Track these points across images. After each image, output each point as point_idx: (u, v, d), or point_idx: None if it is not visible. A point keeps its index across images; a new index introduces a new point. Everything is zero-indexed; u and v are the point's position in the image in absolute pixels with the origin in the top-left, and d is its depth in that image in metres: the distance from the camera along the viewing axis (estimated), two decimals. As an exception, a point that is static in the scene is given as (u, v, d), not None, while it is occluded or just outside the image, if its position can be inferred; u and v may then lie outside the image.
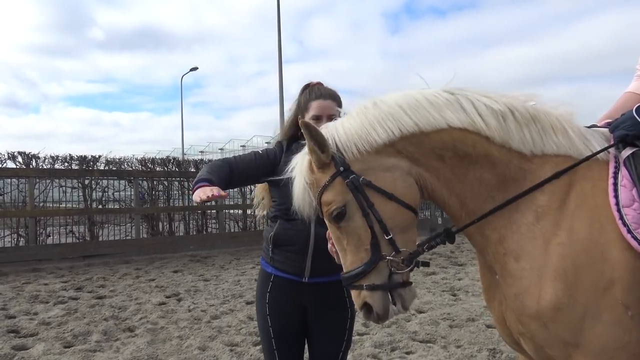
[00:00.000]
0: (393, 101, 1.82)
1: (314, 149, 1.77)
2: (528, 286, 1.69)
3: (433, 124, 1.78)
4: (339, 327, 2.48)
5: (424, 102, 1.80)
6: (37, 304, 6.54)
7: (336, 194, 1.77)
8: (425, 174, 1.82)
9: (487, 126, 1.78)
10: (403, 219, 1.79)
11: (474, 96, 1.83)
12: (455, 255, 10.24)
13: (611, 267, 1.61)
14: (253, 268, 9.22)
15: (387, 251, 1.76)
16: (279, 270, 2.44)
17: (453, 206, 1.86)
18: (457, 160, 1.80)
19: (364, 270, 1.75)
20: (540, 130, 1.80)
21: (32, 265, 9.56)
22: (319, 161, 1.79)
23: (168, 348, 4.76)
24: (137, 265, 9.69)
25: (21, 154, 10.61)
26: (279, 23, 19.57)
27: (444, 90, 1.85)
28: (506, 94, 1.88)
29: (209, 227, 13.04)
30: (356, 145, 1.78)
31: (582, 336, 1.62)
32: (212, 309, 6.20)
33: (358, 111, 1.85)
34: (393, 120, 1.78)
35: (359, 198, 1.76)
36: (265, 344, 2.48)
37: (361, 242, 1.77)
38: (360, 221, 1.77)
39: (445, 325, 5.30)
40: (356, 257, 1.78)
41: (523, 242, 1.74)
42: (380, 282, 1.76)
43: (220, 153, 37.42)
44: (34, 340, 5.01)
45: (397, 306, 1.80)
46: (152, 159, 12.86)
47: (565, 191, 1.74)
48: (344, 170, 1.77)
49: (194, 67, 37.32)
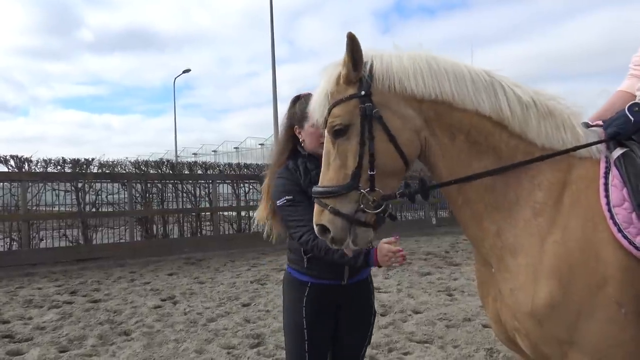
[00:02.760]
0: (445, 63, 1.85)
1: (347, 63, 1.79)
2: (523, 282, 1.72)
3: (465, 102, 1.82)
4: (365, 323, 2.60)
5: (468, 78, 1.84)
6: (32, 309, 6.49)
7: (347, 112, 1.81)
8: (433, 142, 1.86)
9: (512, 113, 1.82)
10: (393, 164, 1.83)
11: (507, 82, 1.88)
12: (451, 255, 10.28)
13: (604, 266, 1.64)
14: (248, 270, 9.21)
15: (364, 185, 1.79)
16: (317, 278, 2.48)
17: (445, 178, 1.89)
18: (467, 145, 1.84)
19: (337, 192, 1.80)
20: (554, 125, 1.85)
21: (26, 269, 9.48)
22: (348, 76, 1.82)
23: (164, 352, 4.74)
24: (131, 269, 9.64)
25: (13, 158, 10.52)
26: (272, 23, 19.56)
27: (485, 72, 1.89)
28: (535, 90, 1.93)
29: (203, 230, 12.99)
30: (390, 80, 1.81)
31: (577, 334, 1.65)
32: (208, 311, 6.18)
33: (411, 54, 1.87)
34: (436, 81, 1.82)
35: (364, 126, 1.79)
36: (294, 349, 2.51)
37: (346, 165, 1.81)
38: (354, 146, 1.80)
39: (442, 325, 5.32)
40: (335, 176, 1.82)
41: (520, 237, 1.77)
42: (344, 211, 1.80)
43: (213, 155, 37.32)
44: (29, 345, 4.97)
45: (348, 239, 1.83)
46: (146, 162, 12.80)
47: (561, 189, 1.77)
48: (364, 95, 1.80)
49: (187, 69, 37.14)
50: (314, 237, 2.18)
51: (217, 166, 14.00)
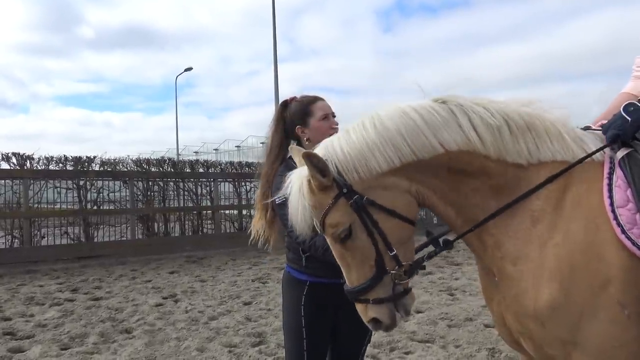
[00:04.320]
0: (392, 124, 1.81)
1: (315, 175, 1.77)
2: (525, 287, 1.72)
3: (431, 151, 1.80)
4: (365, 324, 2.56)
5: (421, 124, 1.80)
6: (33, 306, 6.50)
7: (341, 215, 1.79)
8: (423, 189, 1.86)
9: (483, 143, 1.80)
10: (404, 233, 1.83)
11: (469, 106, 1.83)
12: (452, 254, 10.25)
13: (607, 266, 1.63)
14: (249, 269, 9.21)
15: (391, 266, 1.80)
16: (316, 276, 2.47)
17: (449, 215, 1.90)
18: (452, 176, 1.84)
19: (370, 286, 1.81)
20: (536, 137, 1.82)
21: (27, 266, 9.49)
22: (321, 185, 1.79)
23: (166, 350, 4.74)
24: (132, 267, 9.65)
25: (15, 155, 10.53)
26: (274, 21, 19.56)
27: (439, 102, 1.85)
28: (501, 101, 1.89)
29: (204, 228, 12.99)
30: (356, 170, 1.79)
31: (580, 335, 1.64)
32: (210, 310, 6.18)
33: (357, 131, 1.84)
34: (393, 150, 1.78)
35: (364, 218, 1.78)
36: (293, 347, 2.52)
37: (366, 258, 1.81)
38: (365, 239, 1.80)
39: (443, 325, 5.31)
40: (361, 273, 1.82)
41: (519, 246, 1.77)
42: (385, 295, 1.82)
43: (215, 153, 37.25)
44: (31, 343, 4.98)
45: (401, 312, 1.87)
46: (148, 160, 12.81)
47: (561, 194, 1.76)
48: (347, 192, 1.78)
49: (189, 68, 37.16)
50: (310, 236, 2.20)
51: (218, 165, 13.99)
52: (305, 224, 1.86)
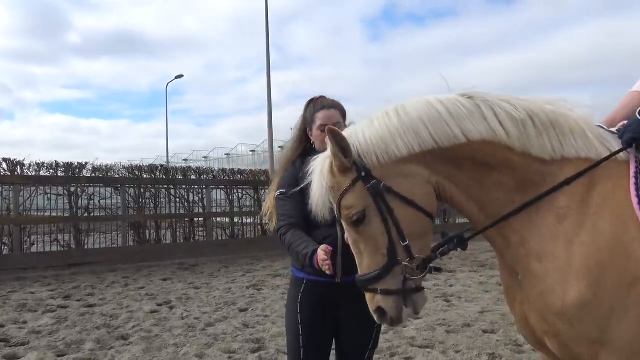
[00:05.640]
0: (415, 112, 1.83)
1: (337, 154, 1.79)
2: (552, 285, 1.72)
3: (452, 140, 1.81)
4: (369, 326, 2.55)
5: (445, 114, 1.82)
6: (26, 313, 6.40)
7: (357, 198, 1.80)
8: (444, 181, 1.85)
9: (508, 135, 1.81)
10: (420, 225, 1.83)
11: (495, 101, 1.86)
12: (444, 262, 10.30)
13: (635, 264, 1.63)
14: (243, 276, 9.16)
15: (403, 257, 1.79)
16: (312, 274, 2.49)
17: (471, 210, 1.90)
18: (476, 168, 1.84)
19: (380, 275, 1.79)
20: (560, 134, 1.83)
21: (17, 273, 9.35)
22: (341, 166, 1.81)
23: (165, 356, 4.69)
24: (124, 274, 9.55)
25: (6, 161, 10.44)
26: (267, 29, 19.60)
27: (465, 97, 1.87)
28: (526, 98, 1.91)
29: (196, 235, 12.93)
30: (376, 154, 1.81)
31: (609, 333, 1.64)
32: (206, 316, 6.13)
33: (380, 118, 1.87)
34: (414, 136, 1.80)
35: (379, 203, 1.78)
36: (291, 343, 2.56)
37: (378, 246, 1.81)
38: (378, 226, 1.80)
39: (441, 330, 5.32)
40: (372, 261, 1.81)
41: (545, 243, 1.76)
42: (394, 288, 1.81)
43: (204, 161, 37.07)
44: (26, 349, 4.89)
45: (409, 310, 1.85)
46: (139, 166, 12.75)
47: (586, 191, 1.76)
48: (365, 176, 1.79)
49: (180, 75, 36.98)
50: (285, 231, 2.47)
51: (211, 171, 13.96)
52: (323, 205, 1.88)
